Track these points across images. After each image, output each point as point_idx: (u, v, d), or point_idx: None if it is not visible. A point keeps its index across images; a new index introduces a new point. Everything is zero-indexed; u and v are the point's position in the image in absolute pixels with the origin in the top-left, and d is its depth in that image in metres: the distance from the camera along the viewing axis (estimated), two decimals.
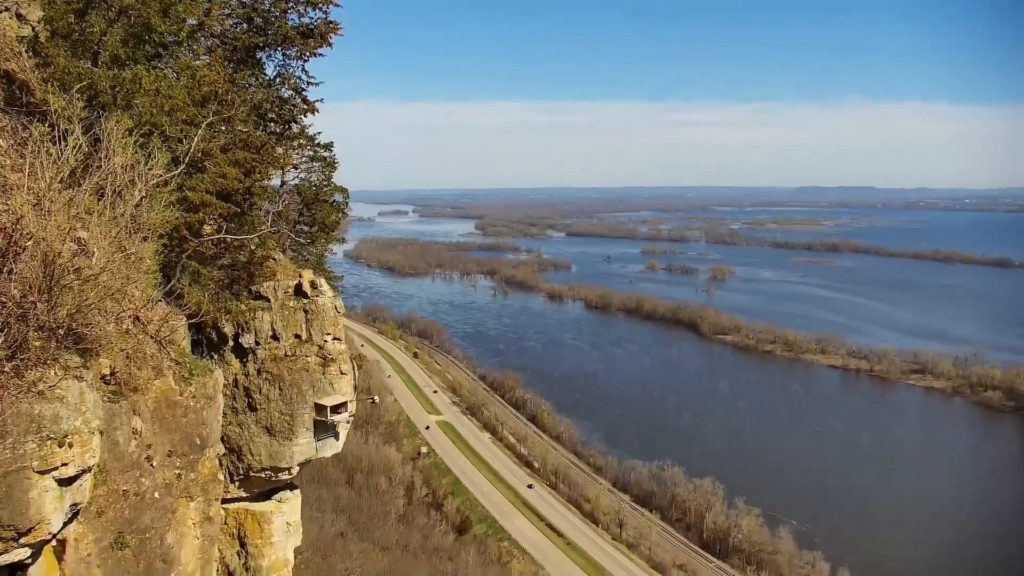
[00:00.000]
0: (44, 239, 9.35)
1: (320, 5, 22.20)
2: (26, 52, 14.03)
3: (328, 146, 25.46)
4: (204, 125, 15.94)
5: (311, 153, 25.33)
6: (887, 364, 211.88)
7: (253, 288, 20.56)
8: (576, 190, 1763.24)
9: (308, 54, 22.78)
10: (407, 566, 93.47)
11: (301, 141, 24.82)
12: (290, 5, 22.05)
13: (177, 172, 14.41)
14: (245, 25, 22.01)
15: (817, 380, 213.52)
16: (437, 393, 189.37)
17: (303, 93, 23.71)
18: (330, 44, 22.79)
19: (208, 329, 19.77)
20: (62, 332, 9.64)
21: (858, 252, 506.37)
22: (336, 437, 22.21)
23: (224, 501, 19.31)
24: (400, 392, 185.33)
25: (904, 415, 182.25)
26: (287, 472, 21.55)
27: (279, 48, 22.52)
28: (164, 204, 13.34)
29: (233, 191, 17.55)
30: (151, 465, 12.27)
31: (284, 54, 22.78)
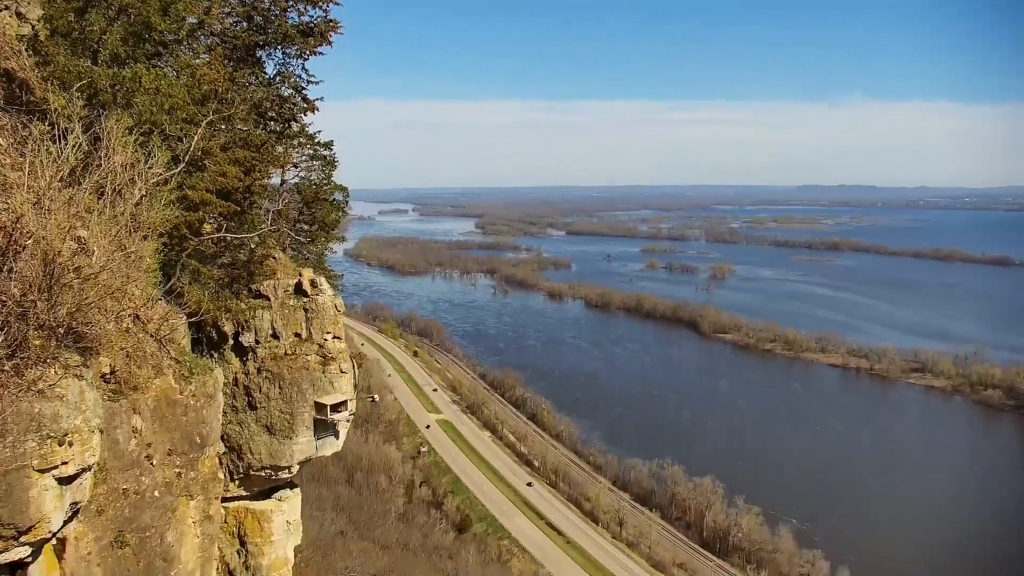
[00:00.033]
0: (44, 238, 9.35)
1: (320, 3, 22.21)
2: (26, 50, 14.02)
3: (328, 145, 25.44)
4: (204, 124, 15.94)
5: (311, 152, 25.31)
6: (887, 363, 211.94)
7: (253, 287, 20.57)
8: (576, 189, 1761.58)
9: (308, 52, 22.79)
10: (407, 564, 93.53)
11: (301, 140, 24.82)
12: (290, 4, 22.06)
13: (177, 171, 14.41)
14: (245, 23, 22.01)
15: (817, 379, 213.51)
16: (437, 392, 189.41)
17: (303, 91, 23.73)
18: (330, 42, 22.80)
19: (208, 328, 19.78)
20: (62, 331, 9.64)
21: (858, 251, 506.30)
22: (336, 436, 22.22)
23: (224, 500, 19.31)
24: (400, 391, 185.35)
25: (904, 414, 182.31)
26: (287, 471, 21.56)
27: (279, 46, 22.53)
28: (164, 203, 13.35)
29: (233, 190, 17.56)
30: (151, 464, 12.28)
31: (284, 52, 22.80)
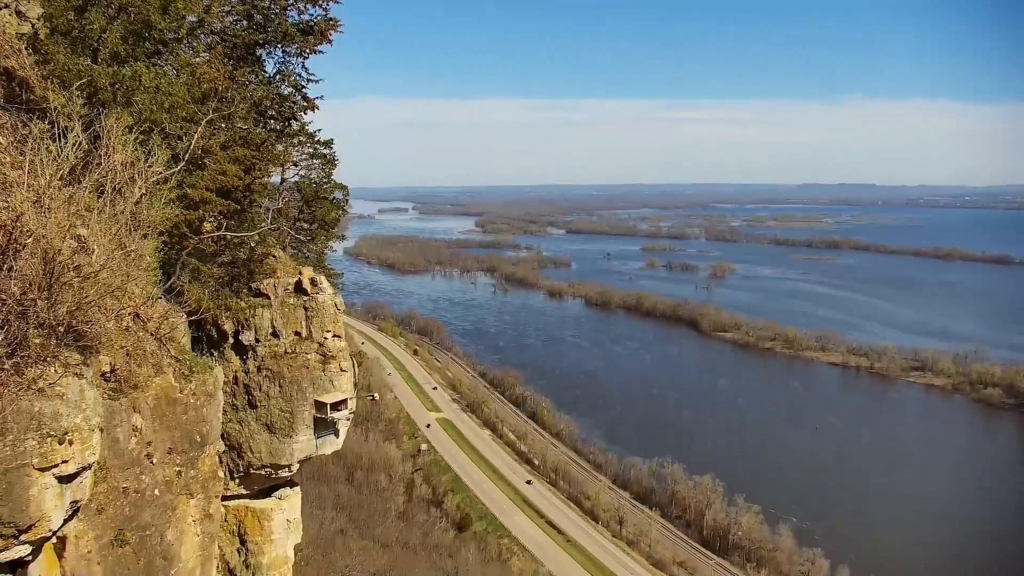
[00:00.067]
0: (44, 236, 9.35)
1: (320, 2, 22.20)
2: (26, 49, 14.02)
3: (328, 143, 25.42)
4: (204, 122, 15.94)
5: (311, 150, 25.29)
6: (887, 361, 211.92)
7: (253, 285, 20.57)
8: (576, 187, 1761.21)
9: (308, 51, 22.77)
10: (407, 563, 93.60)
11: (301, 138, 24.81)
12: (290, 2, 22.04)
13: (177, 169, 14.40)
14: (245, 22, 22.00)
15: (817, 377, 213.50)
16: (437, 390, 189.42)
17: (303, 90, 23.72)
18: (330, 41, 22.79)
19: (208, 326, 19.78)
20: (62, 329, 9.64)
21: (858, 249, 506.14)
22: (336, 434, 22.22)
23: (224, 498, 19.32)
24: (400, 389, 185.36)
25: (904, 412, 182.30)
26: (287, 469, 21.57)
27: (279, 45, 22.52)
28: (164, 201, 13.34)
29: (233, 188, 17.56)
30: (151, 462, 12.28)
31: (284, 51, 22.79)
